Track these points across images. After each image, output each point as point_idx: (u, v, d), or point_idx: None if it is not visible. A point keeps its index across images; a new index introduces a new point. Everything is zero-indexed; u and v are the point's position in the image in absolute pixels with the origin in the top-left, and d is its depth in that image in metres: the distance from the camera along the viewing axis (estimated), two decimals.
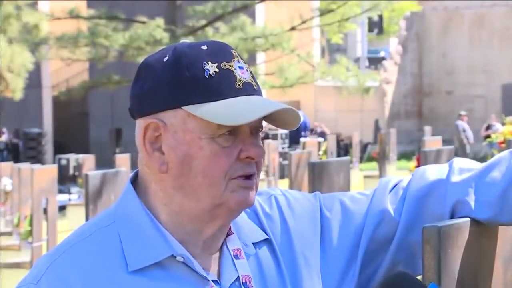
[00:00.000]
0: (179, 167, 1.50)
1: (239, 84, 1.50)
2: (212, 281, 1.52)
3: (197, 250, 1.53)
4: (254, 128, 1.52)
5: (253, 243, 1.59)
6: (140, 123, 1.54)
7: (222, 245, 1.56)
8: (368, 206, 1.64)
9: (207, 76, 1.48)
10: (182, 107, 1.49)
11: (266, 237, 1.60)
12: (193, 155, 1.49)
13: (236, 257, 1.55)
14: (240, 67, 1.52)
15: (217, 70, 1.49)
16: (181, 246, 1.51)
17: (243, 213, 1.59)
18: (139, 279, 1.49)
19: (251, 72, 1.54)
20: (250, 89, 1.51)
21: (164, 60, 1.52)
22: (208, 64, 1.49)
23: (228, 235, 1.57)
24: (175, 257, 1.50)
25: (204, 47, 1.52)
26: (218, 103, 1.48)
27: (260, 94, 1.54)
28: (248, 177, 1.51)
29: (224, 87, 1.49)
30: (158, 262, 1.50)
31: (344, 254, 1.62)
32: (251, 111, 1.47)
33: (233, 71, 1.50)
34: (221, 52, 1.52)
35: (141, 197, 1.55)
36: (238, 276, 1.54)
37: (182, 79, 1.49)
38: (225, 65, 1.50)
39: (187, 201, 1.51)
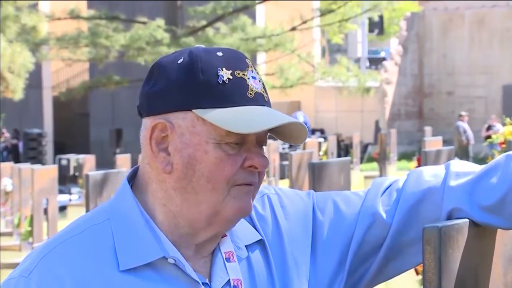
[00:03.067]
0: (184, 169, 1.50)
1: (251, 93, 1.51)
2: (203, 283, 1.51)
3: (190, 252, 1.53)
4: (260, 140, 1.53)
5: (246, 245, 1.59)
6: (147, 122, 1.53)
7: (215, 247, 1.56)
8: (360, 208, 1.63)
9: (220, 82, 1.49)
10: (192, 110, 1.49)
11: (260, 238, 1.60)
12: (198, 158, 1.49)
13: (228, 260, 1.55)
14: (253, 77, 1.53)
15: (230, 77, 1.50)
16: (174, 248, 1.51)
17: None
18: (130, 278, 1.49)
19: (263, 84, 1.55)
20: (261, 99, 1.52)
21: (179, 62, 1.52)
22: (222, 70, 1.50)
23: (221, 237, 1.57)
24: (167, 258, 1.50)
25: (220, 54, 1.52)
26: (229, 110, 1.48)
27: (269, 106, 1.54)
28: (249, 184, 1.52)
29: (236, 94, 1.49)
30: (150, 263, 1.50)
31: (334, 257, 1.62)
32: (261, 121, 1.48)
33: (246, 80, 1.51)
34: (236, 60, 1.52)
35: (138, 195, 1.55)
36: (229, 280, 1.54)
37: (195, 82, 1.49)
38: (239, 73, 1.51)
39: (187, 205, 1.51)
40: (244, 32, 23.37)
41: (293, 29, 24.28)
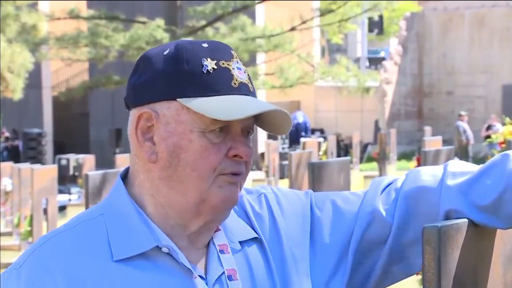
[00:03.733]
0: (168, 158, 1.52)
1: (235, 83, 1.52)
2: (199, 276, 1.53)
3: (183, 243, 1.55)
4: (246, 129, 1.54)
5: (241, 241, 1.60)
6: (134, 113, 1.56)
7: (209, 241, 1.58)
8: (359, 207, 1.64)
9: (204, 72, 1.51)
10: (177, 99, 1.51)
11: (255, 235, 1.61)
12: (183, 147, 1.51)
13: (222, 252, 1.57)
14: (238, 68, 1.54)
15: (215, 67, 1.52)
16: (167, 238, 1.53)
17: (232, 212, 1.60)
18: (124, 268, 1.50)
19: (248, 75, 1.56)
20: (245, 89, 1.54)
21: (165, 53, 1.54)
22: (207, 60, 1.52)
23: (215, 231, 1.58)
24: (161, 248, 1.52)
25: (205, 45, 1.54)
26: (212, 98, 1.50)
27: (254, 96, 1.56)
28: (235, 174, 1.53)
29: (220, 84, 1.51)
30: (144, 253, 1.51)
31: (333, 254, 1.62)
32: (243, 109, 1.49)
33: (230, 70, 1.53)
34: (221, 51, 1.54)
35: (129, 189, 1.57)
36: (224, 271, 1.55)
37: (180, 72, 1.51)
38: (223, 63, 1.53)
39: (173, 194, 1.53)
40: (244, 32, 23.37)
41: (293, 29, 24.27)
